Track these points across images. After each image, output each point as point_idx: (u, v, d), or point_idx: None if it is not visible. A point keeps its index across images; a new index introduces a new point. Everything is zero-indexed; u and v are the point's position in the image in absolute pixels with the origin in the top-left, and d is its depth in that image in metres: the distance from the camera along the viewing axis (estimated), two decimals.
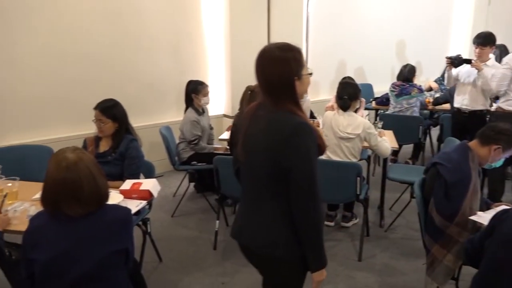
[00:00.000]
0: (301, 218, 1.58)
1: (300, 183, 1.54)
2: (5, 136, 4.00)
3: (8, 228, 2.15)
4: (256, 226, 1.69)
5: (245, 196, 1.77)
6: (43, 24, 4.07)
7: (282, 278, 1.72)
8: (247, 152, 1.68)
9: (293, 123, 1.55)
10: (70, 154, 1.66)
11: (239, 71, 5.17)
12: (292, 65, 1.57)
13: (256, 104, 1.69)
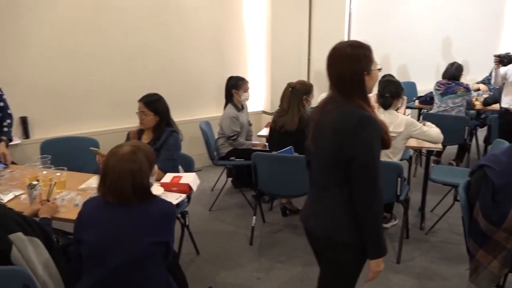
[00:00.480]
0: (362, 206, 1.66)
1: (362, 173, 1.63)
2: (54, 128, 4.19)
3: (56, 215, 2.25)
4: (321, 212, 1.80)
5: (313, 185, 1.90)
6: (92, 22, 4.22)
7: (343, 262, 1.79)
8: (316, 143, 1.79)
9: (359, 115, 1.64)
10: (127, 147, 1.77)
11: (279, 67, 5.16)
12: (362, 61, 1.66)
13: (325, 99, 1.80)
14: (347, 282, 1.85)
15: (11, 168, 2.92)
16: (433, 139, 3.22)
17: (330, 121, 1.71)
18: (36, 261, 1.76)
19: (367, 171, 1.63)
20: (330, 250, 1.81)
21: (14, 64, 3.93)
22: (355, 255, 1.76)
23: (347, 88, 1.67)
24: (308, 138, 1.84)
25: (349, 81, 1.66)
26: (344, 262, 1.79)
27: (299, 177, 3.14)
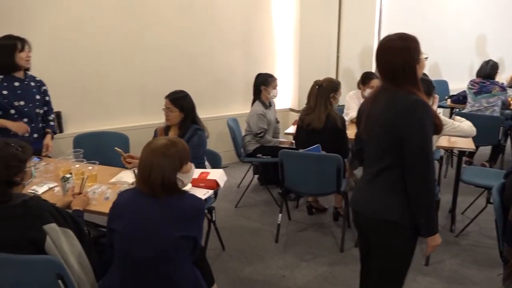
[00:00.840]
0: (415, 186, 1.74)
1: (415, 154, 1.71)
2: (86, 123, 4.31)
3: (87, 208, 2.31)
4: (372, 194, 1.88)
5: (365, 170, 1.98)
6: (122, 19, 4.31)
7: (395, 243, 1.86)
8: (368, 131, 1.89)
9: (411, 99, 1.74)
10: (162, 141, 1.82)
11: (307, 64, 5.13)
12: (412, 52, 1.79)
13: (376, 89, 1.92)
14: (400, 264, 1.91)
15: (46, 161, 3.02)
16: (466, 132, 3.13)
17: (382, 107, 1.80)
18: (69, 252, 1.81)
19: (420, 152, 1.71)
20: (382, 231, 1.87)
21: (48, 60, 4.06)
22: (406, 235, 1.83)
23: (400, 77, 1.78)
24: (360, 127, 1.95)
25: (401, 71, 1.76)
26: (396, 242, 1.85)
27: (326, 176, 3.13)
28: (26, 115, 3.06)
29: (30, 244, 1.74)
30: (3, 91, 2.96)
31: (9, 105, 2.98)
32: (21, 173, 1.83)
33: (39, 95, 3.16)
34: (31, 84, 3.12)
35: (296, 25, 5.11)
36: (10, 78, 3.00)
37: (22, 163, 1.83)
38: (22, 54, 2.96)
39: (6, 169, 1.75)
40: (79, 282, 1.84)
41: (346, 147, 3.41)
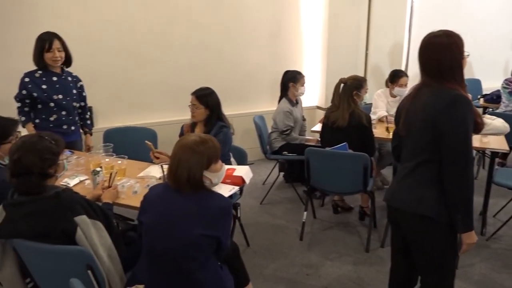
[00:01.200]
0: (453, 181, 1.74)
1: (455, 149, 1.71)
2: (116, 118, 4.40)
3: (116, 201, 2.37)
4: (408, 189, 1.88)
5: (402, 165, 1.98)
6: (151, 17, 4.37)
7: (431, 237, 1.85)
8: (407, 126, 1.89)
9: (453, 94, 1.74)
10: (193, 137, 1.83)
11: (335, 61, 5.08)
12: (459, 48, 1.79)
13: (417, 86, 1.89)
14: (442, 260, 1.90)
15: (77, 155, 3.11)
16: (499, 130, 3.04)
17: (424, 103, 1.80)
18: (98, 243, 1.86)
19: (460, 147, 1.71)
20: (418, 227, 1.86)
21: (79, 57, 4.15)
22: (443, 231, 1.82)
23: (445, 74, 1.78)
24: (400, 123, 1.94)
25: (448, 68, 1.77)
26: (433, 238, 1.85)
27: (352, 175, 3.09)
28: (65, 108, 3.20)
29: (62, 235, 1.80)
30: (42, 86, 3.10)
31: (49, 98, 3.12)
32: (55, 166, 1.89)
33: (75, 89, 3.30)
34: (68, 78, 3.25)
35: (324, 21, 5.06)
36: (48, 73, 3.14)
37: (56, 155, 1.89)
38: (48, 54, 3.07)
39: (41, 161, 1.81)
40: (108, 273, 1.89)
41: (372, 145, 3.36)
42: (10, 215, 1.82)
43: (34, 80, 3.11)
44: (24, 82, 3.10)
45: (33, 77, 3.12)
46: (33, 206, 1.80)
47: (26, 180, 1.79)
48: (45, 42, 3.05)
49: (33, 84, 3.10)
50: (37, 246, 1.78)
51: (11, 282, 2.01)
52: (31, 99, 3.13)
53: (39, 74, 3.12)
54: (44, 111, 3.16)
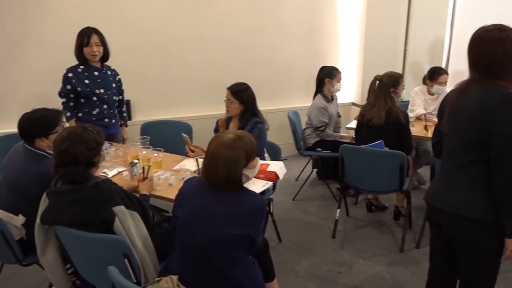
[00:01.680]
0: (501, 182, 1.66)
1: (504, 149, 1.63)
2: (153, 112, 4.50)
3: (152, 193, 2.42)
4: (452, 190, 1.81)
5: (444, 164, 1.90)
6: (188, 11, 4.43)
7: (476, 240, 1.78)
8: (451, 124, 1.82)
9: (504, 92, 1.66)
10: (230, 135, 1.80)
11: (372, 57, 4.99)
12: (509, 45, 1.71)
13: (465, 82, 1.82)
14: (486, 264, 1.83)
15: (116, 147, 3.20)
16: None
17: (472, 99, 1.72)
18: (135, 233, 1.92)
19: (509, 148, 1.63)
20: (463, 228, 1.80)
21: (119, 52, 4.26)
22: (489, 233, 1.75)
23: (497, 70, 1.70)
24: (444, 119, 1.87)
25: (500, 63, 1.69)
26: (478, 241, 1.78)
27: (388, 173, 3.03)
28: (106, 102, 3.31)
29: (102, 224, 1.86)
30: (85, 81, 3.21)
31: (91, 93, 3.23)
32: (98, 155, 1.96)
33: (114, 83, 3.40)
34: (108, 73, 3.34)
35: (362, 16, 4.97)
36: (89, 68, 3.24)
37: (100, 145, 1.97)
38: (87, 49, 3.16)
39: (88, 151, 1.88)
40: (143, 262, 1.94)
41: (409, 143, 3.28)
42: (53, 203, 1.90)
43: (77, 75, 3.20)
44: (68, 77, 3.19)
45: (76, 72, 3.21)
46: (75, 195, 1.87)
47: (73, 169, 1.86)
48: (84, 36, 3.14)
49: (77, 79, 3.19)
50: (78, 233, 1.85)
51: (53, 266, 2.10)
52: (75, 93, 3.23)
53: (81, 69, 3.22)
54: (87, 105, 3.27)
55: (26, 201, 2.18)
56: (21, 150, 2.32)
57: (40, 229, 2.01)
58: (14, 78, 3.96)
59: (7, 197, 2.28)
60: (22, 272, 2.81)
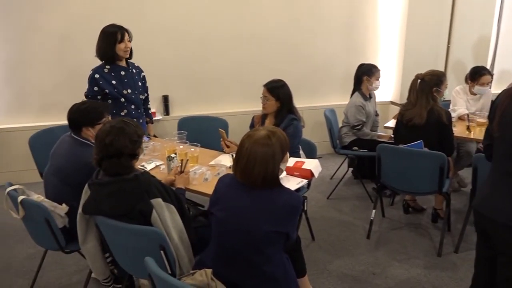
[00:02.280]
0: None
1: None
2: (190, 107, 4.58)
3: (188, 187, 2.46)
4: (502, 197, 1.73)
5: (495, 169, 1.82)
6: (227, 8, 4.46)
7: None
8: (502, 127, 1.74)
9: None
10: (263, 131, 1.80)
11: (413, 55, 4.86)
12: None
13: None
14: None
15: (153, 141, 3.28)
16: None
17: None
18: (171, 226, 1.96)
19: None
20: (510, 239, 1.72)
21: (159, 47, 4.36)
22: None
23: None
24: (494, 121, 1.78)
25: None
26: None
27: (427, 174, 2.95)
28: (133, 102, 3.22)
29: (139, 215, 1.91)
30: (112, 81, 3.11)
31: (119, 94, 3.13)
32: (139, 148, 2.02)
33: (140, 81, 3.31)
34: (134, 71, 3.26)
35: (403, 12, 4.84)
36: (115, 67, 3.14)
37: (140, 138, 2.03)
38: (121, 45, 3.05)
39: (131, 143, 1.95)
40: (178, 255, 1.98)
41: (451, 144, 3.18)
42: (94, 194, 1.97)
43: (104, 76, 3.09)
44: (95, 78, 3.08)
45: (102, 72, 3.10)
46: (115, 186, 1.93)
47: (117, 161, 1.92)
48: (117, 33, 3.03)
49: (103, 80, 3.09)
50: (117, 224, 1.91)
51: (93, 255, 2.18)
52: (102, 95, 3.13)
53: (107, 69, 3.11)
54: (115, 106, 3.15)
55: (70, 188, 2.29)
56: (68, 140, 2.43)
57: (81, 219, 2.09)
58: (60, 74, 4.13)
59: (53, 185, 2.40)
60: (64, 258, 2.94)
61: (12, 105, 4.19)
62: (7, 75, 4.10)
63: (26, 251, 3.12)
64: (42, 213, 2.19)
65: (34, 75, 4.15)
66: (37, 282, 2.71)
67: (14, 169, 4.24)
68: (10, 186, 2.33)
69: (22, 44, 4.06)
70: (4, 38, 4.01)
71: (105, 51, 3.06)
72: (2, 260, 3.01)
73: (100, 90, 3.09)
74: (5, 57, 4.06)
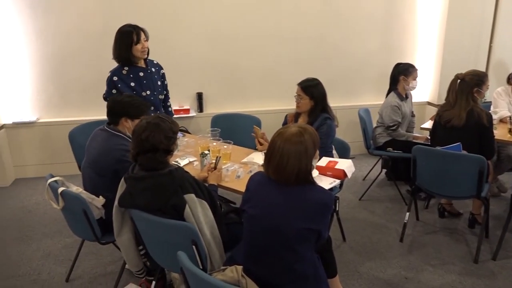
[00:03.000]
0: None
1: None
2: (223, 104, 4.62)
3: (220, 184, 2.49)
4: None
5: None
6: (265, 7, 4.46)
7: None
8: None
9: None
10: (294, 128, 1.80)
11: (452, 54, 4.71)
12: None
13: None
14: None
15: (187, 137, 3.32)
16: None
17: None
18: (204, 221, 1.99)
19: None
20: None
21: (194, 44, 4.42)
22: None
23: None
24: None
25: None
26: None
27: (465, 178, 2.86)
28: (152, 103, 3.12)
29: (173, 210, 1.95)
30: (131, 83, 3.03)
31: (138, 96, 2.98)
32: (174, 144, 2.06)
33: (159, 80, 3.21)
34: (153, 70, 3.16)
35: (443, 10, 4.69)
36: (134, 68, 3.05)
37: (175, 134, 2.08)
38: (138, 46, 2.97)
39: (166, 139, 1.99)
40: (210, 250, 2.01)
41: (491, 147, 3.06)
42: (129, 187, 2.03)
43: (122, 78, 3.02)
44: (113, 81, 3.01)
45: (121, 74, 3.02)
46: (150, 181, 1.97)
47: (153, 156, 1.98)
48: (132, 34, 2.94)
49: (122, 82, 3.01)
50: (151, 218, 1.95)
51: (127, 247, 2.24)
52: None
53: (126, 71, 3.03)
54: None
55: (105, 180, 2.37)
56: (100, 133, 2.51)
57: (117, 211, 2.15)
58: (99, 72, 4.26)
59: (90, 177, 2.48)
60: (100, 249, 3.04)
61: (55, 100, 4.37)
62: (51, 72, 4.27)
63: (64, 240, 3.24)
64: (80, 204, 2.27)
65: (75, 72, 4.31)
66: (74, 270, 2.81)
67: (56, 161, 4.41)
68: (51, 177, 2.42)
69: (65, 42, 4.21)
70: (49, 37, 4.17)
71: (120, 53, 2.99)
72: (42, 248, 3.14)
73: (119, 93, 2.98)
74: (49, 55, 4.22)
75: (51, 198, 2.43)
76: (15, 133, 4.31)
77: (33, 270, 2.88)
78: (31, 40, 4.16)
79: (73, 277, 2.79)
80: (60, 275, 2.83)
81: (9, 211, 3.76)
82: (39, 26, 4.13)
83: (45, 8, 4.09)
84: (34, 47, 4.19)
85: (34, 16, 4.09)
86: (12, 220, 3.59)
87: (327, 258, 2.10)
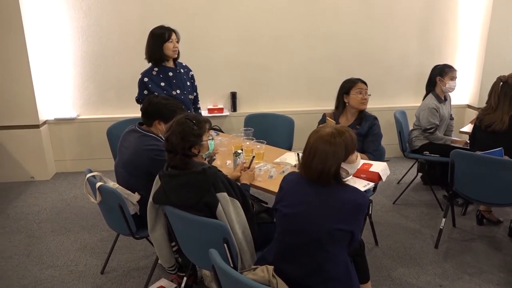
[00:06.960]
0: None
1: None
2: (257, 104, 4.63)
3: (253, 183, 2.50)
4: None
5: None
6: (300, 6, 4.44)
7: None
8: None
9: None
10: (329, 129, 1.80)
11: (495, 56, 4.54)
12: None
13: None
14: None
15: (221, 136, 3.35)
16: None
17: None
18: (235, 220, 2.00)
19: None
20: None
21: (230, 44, 4.45)
22: None
23: None
24: None
25: None
26: None
27: (506, 184, 2.75)
28: (182, 102, 3.12)
29: (205, 208, 1.97)
30: (161, 83, 3.10)
31: (168, 95, 3.05)
32: (198, 146, 2.07)
33: (189, 81, 3.26)
34: (182, 71, 3.22)
35: (486, 11, 4.52)
36: (163, 68, 3.12)
37: (198, 137, 2.06)
38: (169, 45, 3.05)
39: (183, 142, 2.00)
40: (241, 249, 2.02)
41: None
42: (164, 185, 2.06)
43: (152, 79, 3.09)
44: (144, 82, 3.08)
45: (151, 75, 3.10)
46: (183, 179, 2.00)
47: (173, 157, 2.02)
48: (164, 34, 3.04)
49: (153, 83, 3.08)
50: (184, 214, 1.98)
51: (160, 243, 2.29)
52: None
53: (155, 71, 3.11)
54: None
55: (139, 179, 2.42)
56: (132, 133, 2.55)
57: (151, 208, 2.20)
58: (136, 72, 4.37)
59: (122, 176, 2.54)
60: (134, 244, 3.12)
61: (94, 98, 4.52)
62: (91, 71, 4.43)
63: (100, 233, 3.35)
64: (117, 199, 2.33)
65: (114, 71, 4.44)
66: (108, 263, 2.90)
67: (93, 157, 4.56)
68: (89, 172, 2.51)
69: (105, 43, 4.35)
70: (90, 38, 4.32)
71: (153, 51, 3.08)
72: (79, 241, 3.26)
73: (150, 93, 3.04)
74: (91, 55, 4.37)
75: (89, 192, 2.51)
76: (56, 129, 4.49)
77: (71, 261, 2.99)
78: (74, 40, 4.32)
79: (107, 269, 2.88)
80: (95, 267, 2.92)
81: (50, 203, 3.91)
82: (81, 26, 4.28)
83: (87, 9, 4.23)
84: (77, 47, 4.34)
85: (76, 17, 4.25)
86: (52, 212, 3.74)
87: (359, 262, 2.07)
